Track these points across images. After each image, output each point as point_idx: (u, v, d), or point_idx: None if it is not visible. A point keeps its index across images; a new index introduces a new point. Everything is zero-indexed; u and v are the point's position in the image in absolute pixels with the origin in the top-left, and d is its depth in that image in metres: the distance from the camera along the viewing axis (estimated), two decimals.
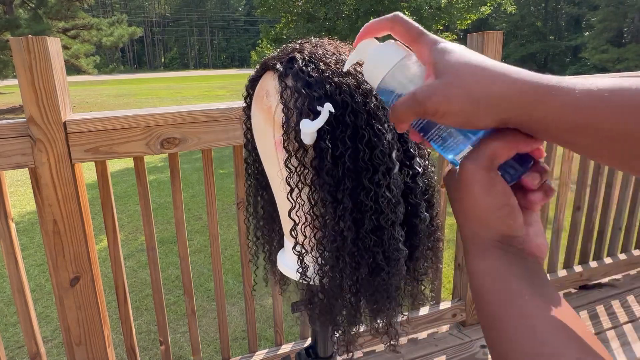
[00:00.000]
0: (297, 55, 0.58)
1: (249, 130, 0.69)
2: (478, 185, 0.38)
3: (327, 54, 0.58)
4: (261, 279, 0.81)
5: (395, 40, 0.44)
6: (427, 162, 0.63)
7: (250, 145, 0.71)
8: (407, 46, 0.43)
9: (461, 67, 0.37)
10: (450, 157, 0.42)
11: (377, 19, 0.44)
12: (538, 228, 0.41)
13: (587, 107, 0.33)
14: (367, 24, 0.45)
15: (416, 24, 0.42)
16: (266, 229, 0.77)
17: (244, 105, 0.69)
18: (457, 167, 0.41)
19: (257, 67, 0.64)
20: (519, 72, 0.36)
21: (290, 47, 0.61)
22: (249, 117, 0.68)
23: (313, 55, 0.57)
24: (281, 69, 0.58)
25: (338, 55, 0.58)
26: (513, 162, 0.39)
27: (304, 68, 0.56)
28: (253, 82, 0.65)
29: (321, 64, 0.56)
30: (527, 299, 0.35)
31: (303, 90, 0.54)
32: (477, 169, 0.38)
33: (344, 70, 0.51)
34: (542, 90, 0.34)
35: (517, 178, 0.40)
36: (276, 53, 0.62)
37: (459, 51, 0.39)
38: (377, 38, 0.46)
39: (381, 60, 0.42)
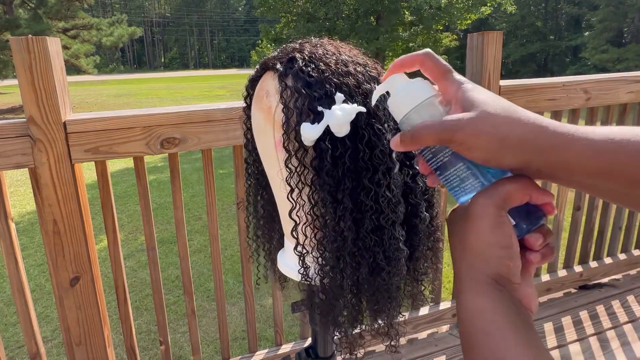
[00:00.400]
0: (297, 55, 0.58)
1: (249, 130, 0.69)
2: (487, 220, 0.39)
3: (327, 54, 0.58)
4: (262, 276, 0.81)
5: (424, 77, 0.45)
6: None
7: (250, 145, 0.71)
8: (433, 82, 0.45)
9: (490, 107, 0.39)
10: (462, 199, 0.42)
11: (409, 54, 0.45)
12: (530, 285, 0.41)
13: (607, 152, 0.34)
14: (399, 58, 0.46)
15: (445, 62, 0.44)
16: (266, 228, 0.77)
17: (244, 105, 0.69)
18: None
19: (257, 67, 0.64)
20: (542, 118, 0.38)
21: (290, 47, 0.61)
22: (249, 117, 0.68)
23: (313, 55, 0.57)
24: (281, 69, 0.58)
25: (338, 55, 0.58)
26: (525, 214, 0.40)
27: (304, 68, 0.56)
28: (253, 82, 0.65)
29: (321, 64, 0.56)
30: (521, 352, 0.35)
31: (303, 90, 0.54)
32: (489, 205, 0.39)
33: (372, 104, 0.51)
34: (564, 136, 0.36)
35: (527, 232, 0.40)
36: (276, 53, 0.62)
37: (485, 92, 0.41)
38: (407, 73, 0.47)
39: (409, 95, 0.43)
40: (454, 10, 13.97)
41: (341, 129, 0.52)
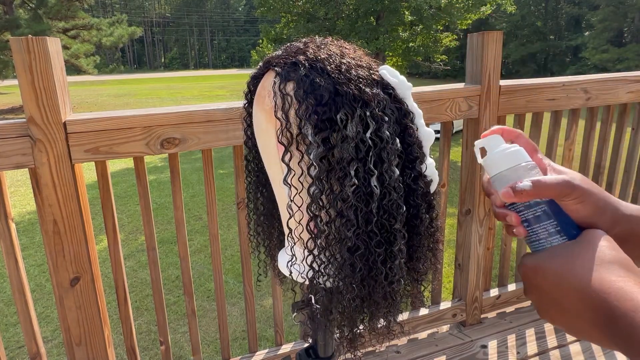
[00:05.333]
0: (301, 57, 0.58)
1: (249, 127, 0.69)
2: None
3: (331, 57, 0.58)
4: (262, 273, 0.82)
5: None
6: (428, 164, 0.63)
7: (250, 142, 0.71)
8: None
9: (580, 177, 0.48)
10: (540, 248, 0.48)
11: (509, 129, 0.52)
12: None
13: None
14: (499, 127, 0.53)
15: (533, 142, 0.52)
16: (266, 225, 0.77)
17: (245, 101, 0.69)
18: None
19: (260, 64, 0.64)
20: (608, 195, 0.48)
21: (294, 47, 0.61)
22: (249, 114, 0.68)
23: (317, 58, 0.57)
24: (283, 73, 0.57)
25: (341, 57, 0.58)
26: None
27: (306, 73, 0.56)
28: (255, 80, 0.65)
29: (324, 67, 0.56)
30: None
31: (304, 95, 0.54)
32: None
33: (479, 161, 0.55)
34: None
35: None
36: (280, 52, 0.62)
37: (569, 170, 0.50)
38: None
39: (511, 156, 0.50)
40: (454, 10, 13.96)
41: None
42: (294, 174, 0.57)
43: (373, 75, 0.58)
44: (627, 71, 1.90)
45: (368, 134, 0.54)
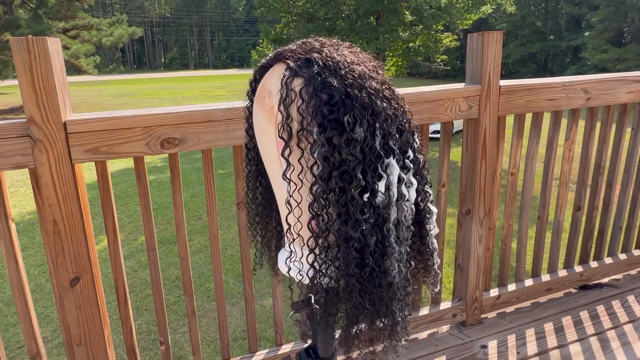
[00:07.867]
0: (315, 55, 0.58)
1: (251, 115, 0.69)
2: None
3: (346, 60, 0.58)
4: (258, 262, 0.82)
5: None
6: (423, 157, 0.64)
7: (251, 130, 0.71)
8: None
9: None
10: None
11: None
12: None
13: None
14: None
15: None
16: (264, 215, 0.78)
17: (249, 89, 0.69)
18: None
19: (271, 55, 0.63)
20: None
21: (310, 45, 0.61)
22: (252, 102, 0.68)
23: (332, 59, 0.57)
24: (295, 68, 0.57)
25: (357, 64, 0.58)
26: None
27: (319, 71, 0.56)
28: (263, 69, 0.65)
29: (338, 68, 0.56)
30: None
31: (313, 92, 0.55)
32: None
33: None
34: None
35: None
36: (295, 47, 0.61)
37: None
38: None
39: None
40: (454, 10, 13.95)
41: None
42: (293, 169, 0.58)
43: (385, 91, 0.59)
44: (627, 71, 1.90)
45: (377, 143, 0.55)
